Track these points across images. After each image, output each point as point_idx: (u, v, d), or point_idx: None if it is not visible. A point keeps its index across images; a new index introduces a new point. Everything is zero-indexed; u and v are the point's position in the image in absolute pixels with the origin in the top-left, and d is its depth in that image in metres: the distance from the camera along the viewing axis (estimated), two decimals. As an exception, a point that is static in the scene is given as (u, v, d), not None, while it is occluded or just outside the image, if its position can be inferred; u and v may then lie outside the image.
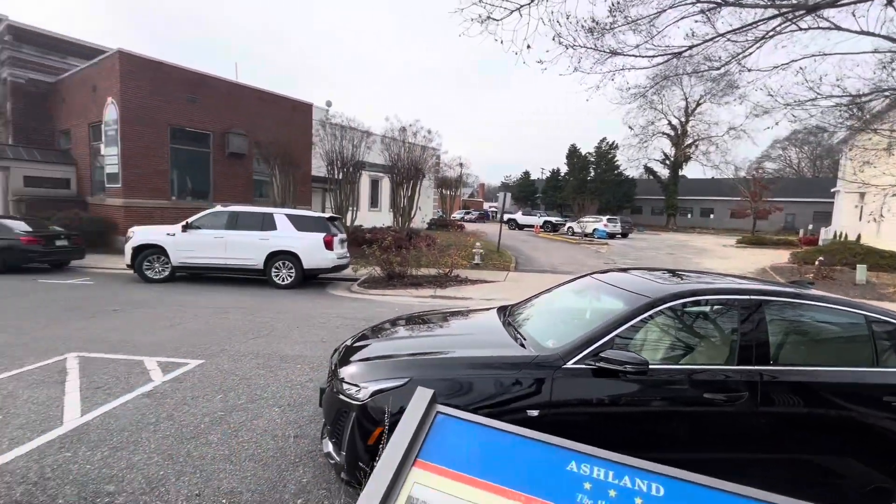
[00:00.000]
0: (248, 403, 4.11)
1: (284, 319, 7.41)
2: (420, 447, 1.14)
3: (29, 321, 6.55)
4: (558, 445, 1.12)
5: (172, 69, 16.54)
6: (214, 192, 17.81)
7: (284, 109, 19.65)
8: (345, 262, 11.39)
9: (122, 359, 5.13)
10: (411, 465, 1.10)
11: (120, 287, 9.67)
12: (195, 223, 10.55)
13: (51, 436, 3.38)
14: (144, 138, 15.61)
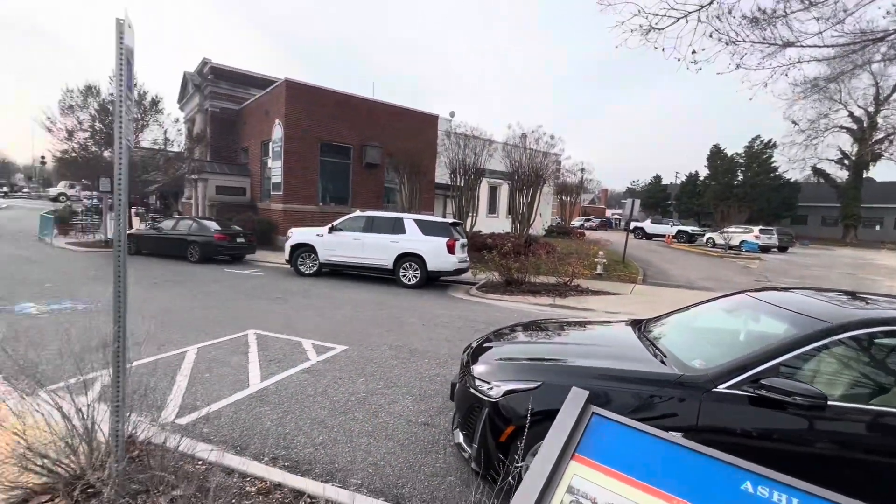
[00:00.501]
0: (385, 389, 4.58)
1: (412, 316, 8.02)
2: (578, 443, 1.21)
3: (222, 302, 8.19)
4: (731, 463, 1.08)
5: (324, 92, 19.07)
6: (352, 199, 20.00)
7: (413, 122, 21.19)
8: (465, 265, 11.83)
9: (286, 339, 6.12)
10: (570, 458, 1.18)
11: (281, 278, 11.48)
12: (339, 226, 12.01)
13: (242, 394, 4.22)
14: (300, 153, 18.26)
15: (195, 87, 24.91)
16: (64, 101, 15.54)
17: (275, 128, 18.61)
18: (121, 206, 2.46)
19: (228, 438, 3.39)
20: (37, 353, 4.49)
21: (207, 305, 7.83)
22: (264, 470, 2.85)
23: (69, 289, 8.47)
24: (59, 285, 8.73)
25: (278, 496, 2.67)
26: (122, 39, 2.33)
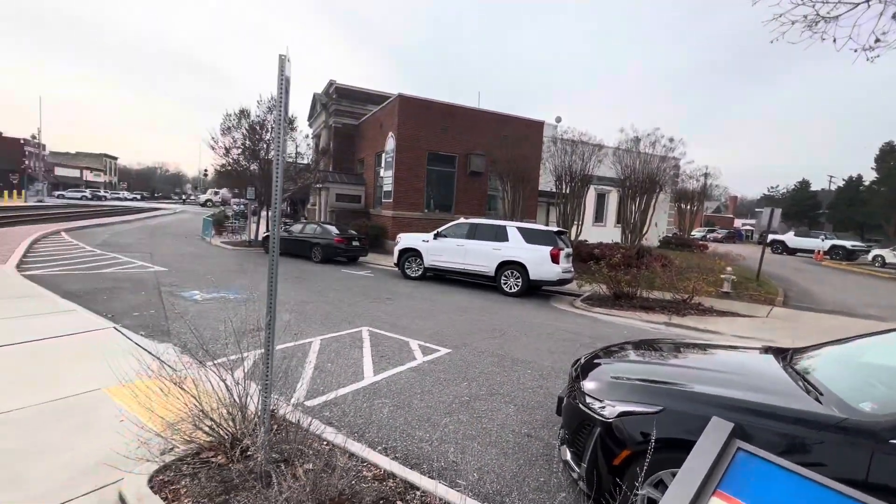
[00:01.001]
0: (488, 396, 4.62)
1: (513, 325, 7.97)
2: (720, 479, 1.10)
3: (340, 299, 9.04)
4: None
5: (432, 104, 20.00)
6: (456, 206, 20.57)
7: (518, 129, 21.10)
8: (569, 276, 11.40)
9: (395, 337, 6.52)
10: (710, 494, 1.08)
11: (389, 280, 12.27)
12: (443, 232, 12.45)
13: (358, 385, 4.61)
14: (409, 163, 19.36)
15: (322, 106, 27.96)
16: (224, 124, 18.61)
17: (388, 140, 20.03)
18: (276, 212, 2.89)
19: (348, 424, 3.72)
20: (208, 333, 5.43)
21: (329, 301, 8.69)
22: (379, 458, 3.08)
23: (223, 281, 10.08)
24: (216, 277, 10.45)
25: (391, 484, 2.86)
26: (283, 71, 2.74)
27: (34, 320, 5.67)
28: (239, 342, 3.34)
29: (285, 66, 2.74)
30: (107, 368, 4.16)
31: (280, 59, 2.74)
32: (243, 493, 2.57)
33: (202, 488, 2.62)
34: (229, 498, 2.54)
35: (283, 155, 2.86)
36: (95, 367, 4.30)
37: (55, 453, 2.93)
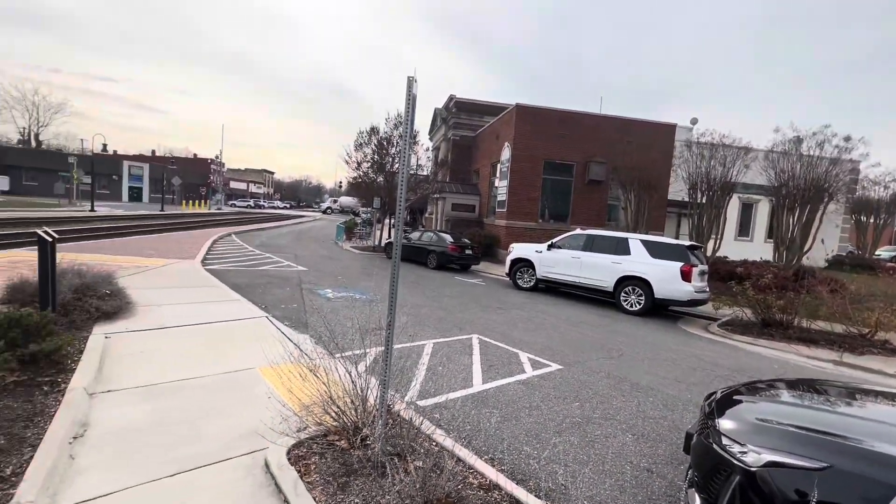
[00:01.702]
0: (602, 420, 4.31)
1: (633, 346, 7.33)
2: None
3: (453, 305, 9.33)
4: None
5: (549, 112, 19.59)
6: (572, 216, 19.77)
7: (644, 134, 19.51)
8: (703, 296, 10.10)
9: (504, 348, 6.49)
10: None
11: (500, 289, 12.28)
12: (558, 243, 12.05)
13: (467, 392, 4.69)
14: (525, 172, 19.20)
15: (442, 120, 29.41)
16: (357, 140, 20.75)
17: (503, 149, 20.17)
18: (398, 221, 3.11)
19: (456, 429, 3.80)
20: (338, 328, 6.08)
21: (442, 307, 9.03)
22: (486, 468, 3.08)
23: (351, 281, 11.17)
24: (345, 278, 11.64)
25: (496, 496, 2.83)
26: (410, 90, 2.96)
27: (212, 306, 6.97)
28: (363, 339, 3.65)
29: (412, 86, 2.96)
30: (260, 352, 4.90)
31: (408, 81, 2.97)
32: (361, 479, 2.79)
33: (328, 467, 2.92)
34: (349, 480, 2.79)
35: (407, 167, 3.08)
36: (253, 349, 5.10)
37: (223, 417, 3.54)
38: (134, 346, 4.87)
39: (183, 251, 13.01)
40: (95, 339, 4.81)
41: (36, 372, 3.82)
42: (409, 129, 3.03)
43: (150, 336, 5.27)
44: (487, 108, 27.02)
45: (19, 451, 2.76)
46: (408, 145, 3.03)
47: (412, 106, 3.00)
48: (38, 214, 23.46)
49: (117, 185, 54.04)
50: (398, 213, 3.10)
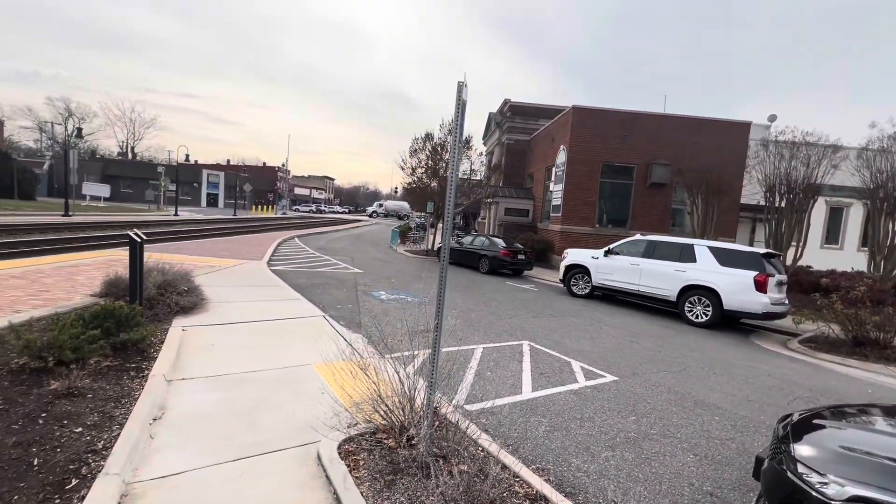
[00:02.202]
0: (660, 437, 4.05)
1: (698, 360, 6.84)
2: None
3: (503, 311, 9.23)
4: None
5: (608, 113, 18.88)
6: (632, 221, 18.87)
7: (715, 133, 18.23)
8: (781, 309, 9.21)
9: (556, 356, 6.31)
10: None
11: (554, 296, 11.97)
12: (615, 249, 11.55)
13: (516, 399, 4.61)
14: (581, 175, 18.63)
15: (496, 125, 29.31)
16: (412, 146, 21.21)
17: (559, 153, 19.71)
18: (448, 224, 3.14)
19: (503, 435, 3.75)
20: (388, 329, 6.24)
21: (493, 311, 8.97)
22: (532, 477, 3.01)
23: (403, 284, 11.40)
24: (398, 281, 11.91)
25: (542, 507, 2.76)
26: (460, 95, 2.99)
27: (275, 304, 7.42)
28: (412, 341, 3.71)
29: (462, 91, 2.98)
30: (316, 349, 5.14)
31: (458, 86, 3.00)
32: (406, 478, 2.83)
33: (375, 464, 2.99)
34: (395, 479, 2.84)
35: (457, 171, 3.10)
36: (309, 346, 5.36)
37: (280, 409, 3.75)
38: (206, 339, 5.29)
39: (251, 252, 13.98)
40: (174, 332, 5.29)
41: (125, 358, 4.28)
42: (459, 133, 3.05)
43: (220, 330, 5.70)
44: (542, 111, 26.58)
45: (109, 428, 3.09)
46: (457, 150, 3.06)
47: (462, 111, 3.02)
48: (131, 218, 26.28)
49: (197, 192, 59.26)
50: (447, 217, 3.13)
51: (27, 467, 2.56)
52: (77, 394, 3.42)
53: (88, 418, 3.17)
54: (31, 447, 2.76)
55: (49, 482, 2.46)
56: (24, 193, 36.56)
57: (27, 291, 6.43)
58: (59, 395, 3.35)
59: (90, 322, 4.27)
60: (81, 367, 3.83)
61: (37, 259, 9.66)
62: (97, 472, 2.58)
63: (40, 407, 3.21)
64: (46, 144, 55.48)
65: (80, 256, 10.29)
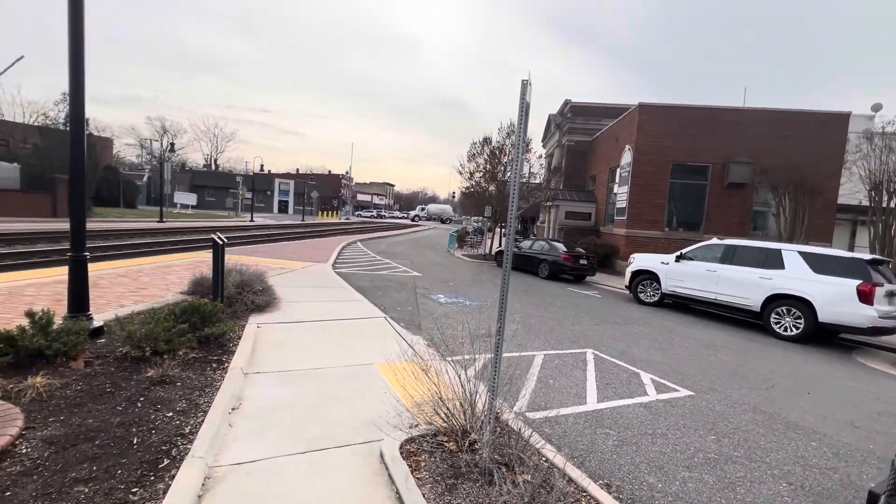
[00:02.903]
0: (746, 461, 3.67)
1: (788, 377, 6.15)
2: None
3: (565, 317, 8.93)
4: None
5: (679, 110, 17.72)
6: (706, 224, 17.54)
7: (805, 126, 16.45)
8: (892, 324, 8.05)
9: (623, 366, 5.97)
10: None
11: (619, 303, 11.39)
12: (688, 254, 10.76)
13: (580, 409, 4.41)
14: (648, 176, 17.63)
15: (556, 126, 28.61)
16: (470, 151, 21.29)
17: (624, 153, 18.82)
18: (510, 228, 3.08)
19: (568, 446, 3.59)
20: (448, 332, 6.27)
21: (554, 317, 8.70)
22: (601, 493, 2.84)
23: (461, 288, 11.42)
24: (456, 284, 11.94)
25: (612, 527, 2.59)
26: (524, 96, 2.92)
27: (339, 305, 7.73)
28: (472, 344, 3.68)
29: (526, 91, 2.91)
30: (379, 349, 5.27)
31: (522, 85, 2.93)
32: (468, 483, 2.79)
33: (436, 467, 2.98)
34: (456, 483, 2.81)
35: (519, 174, 3.03)
36: (372, 346, 5.51)
37: (344, 406, 3.87)
38: (278, 336, 5.62)
39: (317, 256, 14.72)
40: (250, 328, 5.67)
41: (208, 350, 4.65)
42: (523, 134, 2.98)
43: (290, 328, 6.03)
44: (605, 111, 25.55)
45: (194, 414, 3.36)
46: (520, 151, 2.99)
47: (526, 112, 2.95)
48: (213, 224, 28.77)
49: (270, 199, 63.67)
50: (510, 221, 3.07)
51: (128, 445, 2.85)
52: (169, 381, 3.76)
53: (178, 404, 3.46)
54: (132, 427, 3.06)
55: (145, 460, 2.71)
56: (128, 202, 41.36)
57: (129, 288, 7.23)
58: (154, 382, 3.70)
59: (180, 316, 4.69)
60: (172, 358, 4.21)
61: (137, 260, 10.86)
62: (184, 455, 2.80)
63: (139, 392, 3.56)
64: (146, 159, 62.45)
65: (171, 258, 11.42)
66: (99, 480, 2.48)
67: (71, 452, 2.71)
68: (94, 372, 3.82)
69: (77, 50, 4.35)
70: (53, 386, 3.46)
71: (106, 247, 13.62)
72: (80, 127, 4.53)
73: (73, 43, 4.33)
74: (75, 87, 4.38)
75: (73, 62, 4.34)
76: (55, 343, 3.77)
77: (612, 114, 24.10)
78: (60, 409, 3.21)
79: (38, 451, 2.69)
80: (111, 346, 4.42)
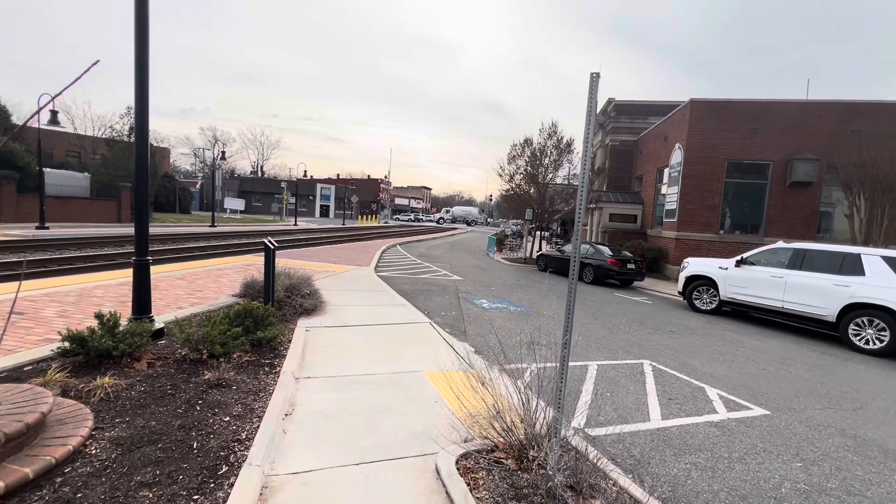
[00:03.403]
0: (844, 494, 3.25)
1: (876, 397, 5.51)
2: None
3: (616, 325, 8.51)
4: None
5: (735, 105, 16.66)
6: (767, 227, 16.37)
7: (880, 119, 15.01)
8: None
9: (685, 379, 5.56)
10: None
11: (672, 310, 10.76)
12: (750, 259, 10.01)
13: (643, 427, 4.09)
14: (701, 175, 16.67)
15: (599, 126, 27.72)
16: (510, 153, 20.98)
17: (673, 152, 17.92)
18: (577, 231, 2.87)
19: (633, 468, 3.32)
20: (493, 339, 6.09)
21: (604, 325, 8.31)
22: (680, 525, 2.57)
23: (504, 293, 11.17)
24: (498, 289, 11.71)
25: (698, 566, 2.32)
26: (593, 92, 2.72)
27: (384, 309, 7.71)
28: (533, 352, 3.48)
29: (595, 86, 2.71)
30: (425, 355, 5.16)
31: (591, 79, 2.74)
32: (533, 507, 2.60)
33: (496, 486, 2.81)
34: (520, 506, 2.62)
35: (588, 170, 2.83)
36: (419, 352, 5.41)
37: (395, 415, 3.77)
38: (326, 339, 5.63)
39: (360, 259, 14.91)
40: (299, 331, 5.73)
41: (260, 354, 4.70)
42: (590, 130, 2.78)
43: (338, 332, 6.04)
44: (652, 108, 24.50)
45: (250, 419, 3.36)
46: (588, 149, 2.78)
47: (593, 106, 2.74)
48: (260, 228, 29.93)
49: (312, 204, 65.72)
50: (577, 221, 2.87)
51: (188, 450, 2.86)
52: (225, 385, 3.80)
53: (234, 408, 3.48)
54: (191, 431, 3.09)
55: (205, 466, 2.71)
56: (183, 208, 43.90)
57: (186, 290, 7.53)
58: (211, 385, 3.75)
59: (234, 320, 4.77)
60: (227, 360, 4.27)
61: (192, 263, 11.37)
62: (242, 461, 2.78)
63: (197, 395, 3.61)
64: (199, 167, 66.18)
65: (223, 261, 11.88)
66: (162, 486, 2.48)
67: (136, 455, 2.75)
68: (155, 373, 3.93)
69: (142, 66, 4.54)
70: (119, 387, 3.57)
71: (164, 250, 14.41)
72: (144, 139, 4.72)
73: (138, 62, 4.52)
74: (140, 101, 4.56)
75: (138, 79, 4.53)
76: (121, 344, 3.91)
77: (658, 111, 23.05)
78: (126, 409, 3.29)
79: (105, 453, 2.75)
80: (171, 347, 4.55)
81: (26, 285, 6.93)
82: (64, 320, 5.23)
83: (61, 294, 6.51)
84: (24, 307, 5.72)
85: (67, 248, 13.53)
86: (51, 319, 5.28)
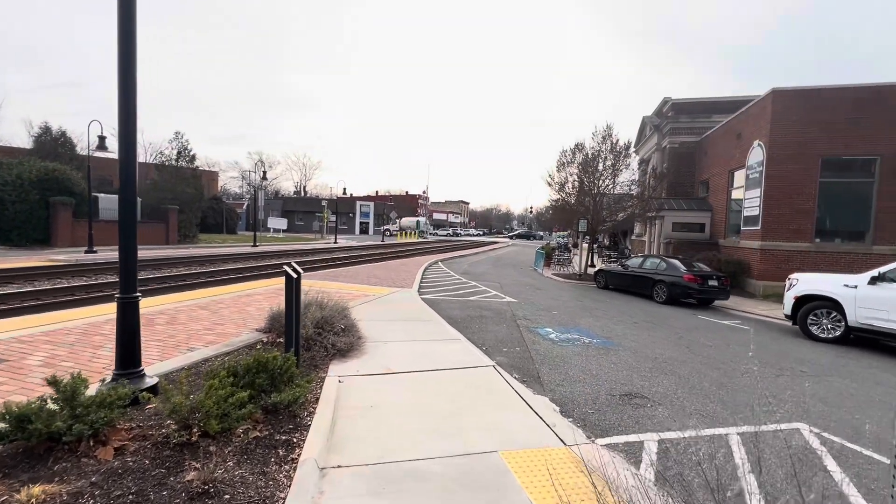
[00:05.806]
0: None
1: None
2: None
3: (718, 359, 6.70)
4: None
5: (828, 93, 14.37)
6: (875, 233, 13.80)
7: None
8: None
9: (877, 459, 3.78)
10: None
11: (778, 338, 8.75)
12: (889, 275, 7.91)
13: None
14: (789, 176, 14.41)
15: (653, 128, 25.57)
16: (559, 160, 19.37)
17: (751, 151, 15.71)
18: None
19: None
20: (578, 388, 4.57)
21: (709, 363, 6.54)
22: None
23: (569, 318, 9.55)
24: (561, 314, 10.09)
25: None
26: None
27: (434, 346, 6.35)
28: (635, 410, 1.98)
29: None
30: (497, 421, 3.75)
31: None
32: None
33: None
34: None
35: None
36: (487, 414, 4.00)
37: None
38: (364, 397, 4.31)
39: (400, 279, 13.72)
40: (329, 383, 4.46)
41: (275, 425, 3.44)
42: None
43: (379, 383, 4.73)
44: (716, 105, 22.22)
45: (240, 570, 2.05)
46: None
47: None
48: (300, 247, 29.67)
49: (352, 221, 66.23)
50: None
51: None
52: (214, 494, 2.53)
53: (220, 542, 2.19)
54: None
55: None
56: (230, 228, 45.02)
57: (204, 324, 6.50)
58: (192, 496, 2.49)
59: (243, 377, 3.57)
60: (226, 443, 3.04)
61: (222, 288, 10.55)
62: None
63: (170, 512, 2.36)
64: (246, 189, 68.53)
65: (256, 285, 11.00)
66: None
67: None
68: (122, 467, 2.73)
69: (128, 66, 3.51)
70: (56, 500, 2.38)
71: (197, 273, 13.86)
72: (132, 142, 3.67)
73: (122, 62, 3.49)
74: (125, 108, 3.51)
75: (122, 84, 3.50)
76: (77, 424, 2.75)
77: (724, 108, 20.77)
78: (51, 550, 2.07)
79: None
80: (159, 415, 3.38)
81: (30, 321, 6.13)
82: (46, 370, 4.21)
83: (63, 332, 5.61)
84: (13, 350, 4.81)
85: (104, 273, 13.21)
86: (31, 369, 4.30)
